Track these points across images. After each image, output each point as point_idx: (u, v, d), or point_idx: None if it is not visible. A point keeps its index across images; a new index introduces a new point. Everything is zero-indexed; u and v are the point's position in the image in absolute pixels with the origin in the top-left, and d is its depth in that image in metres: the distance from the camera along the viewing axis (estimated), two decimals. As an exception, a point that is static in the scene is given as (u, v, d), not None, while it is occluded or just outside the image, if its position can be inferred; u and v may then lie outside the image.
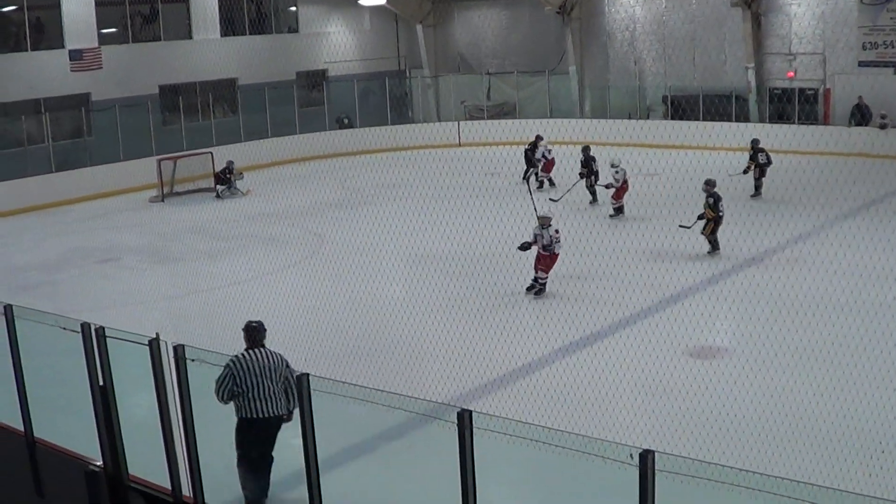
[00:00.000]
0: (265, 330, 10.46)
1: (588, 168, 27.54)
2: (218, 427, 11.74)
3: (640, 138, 32.95)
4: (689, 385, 13.42)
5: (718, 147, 30.96)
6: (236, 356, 10.10)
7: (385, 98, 43.24)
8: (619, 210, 25.46)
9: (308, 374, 7.80)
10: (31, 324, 10.96)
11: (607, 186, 25.47)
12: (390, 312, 17.66)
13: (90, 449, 10.09)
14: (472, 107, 44.19)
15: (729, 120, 35.98)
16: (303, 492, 8.02)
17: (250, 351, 10.23)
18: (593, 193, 27.62)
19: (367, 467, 11.69)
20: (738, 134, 31.37)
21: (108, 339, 9.42)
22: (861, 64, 34.48)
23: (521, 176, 30.69)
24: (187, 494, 9.10)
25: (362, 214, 24.99)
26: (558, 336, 15.92)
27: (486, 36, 45.68)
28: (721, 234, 20.70)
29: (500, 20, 45.08)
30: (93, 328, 9.46)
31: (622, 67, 41.31)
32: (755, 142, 28.01)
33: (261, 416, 10.02)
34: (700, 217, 21.10)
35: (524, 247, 19.02)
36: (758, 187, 27.60)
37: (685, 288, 18.52)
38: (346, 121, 42.61)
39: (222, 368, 9.87)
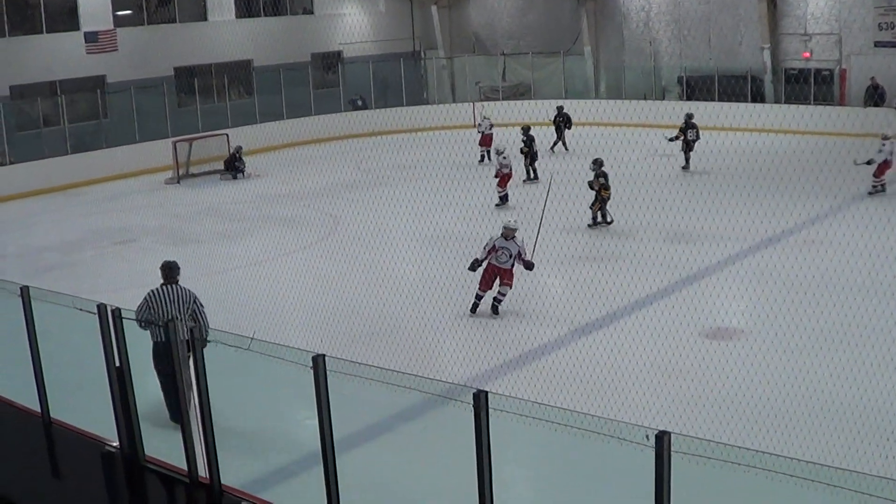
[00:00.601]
0: (179, 269, 12.25)
1: (529, 148, 28.40)
2: (234, 408, 11.80)
3: (656, 119, 32.91)
4: (705, 366, 13.39)
5: (734, 128, 30.79)
6: (152, 290, 11.98)
7: (401, 80, 43.19)
8: (504, 199, 25.14)
9: (324, 356, 7.80)
10: (47, 305, 11.01)
11: (497, 175, 25.21)
12: (405, 293, 17.66)
13: (106, 430, 10.13)
14: (488, 88, 44.11)
15: (744, 101, 35.92)
16: (319, 472, 8.04)
17: (164, 286, 12.04)
18: (534, 172, 28.39)
19: (382, 448, 11.71)
20: (753, 115, 31.27)
21: (124, 321, 9.45)
22: (877, 44, 34.30)
23: (549, 146, 32.55)
24: (203, 475, 9.13)
25: (377, 196, 25.00)
26: (574, 317, 15.90)
27: (501, 17, 45.58)
28: (738, 214, 20.62)
29: (515, 1, 44.94)
30: (109, 309, 9.49)
31: (637, 48, 41.17)
32: (689, 116, 29.26)
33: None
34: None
35: (474, 267, 16.66)
36: (687, 160, 28.97)
37: (701, 269, 18.47)
38: (359, 102, 42.56)
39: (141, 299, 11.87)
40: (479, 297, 16.62)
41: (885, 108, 32.79)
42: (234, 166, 32.40)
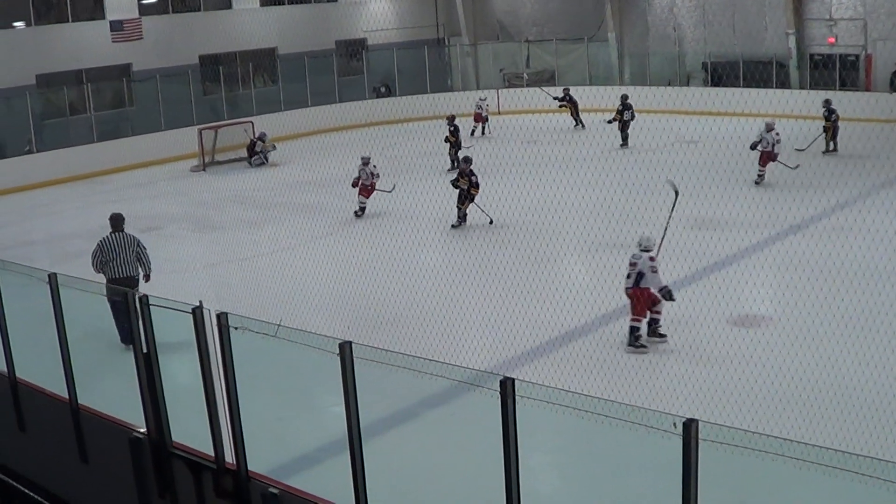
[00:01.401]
0: (124, 219, 15.52)
1: (455, 137, 29.35)
2: (260, 394, 11.83)
3: (680, 105, 32.77)
4: (732, 353, 13.35)
5: (759, 114, 30.61)
6: (103, 237, 15.24)
7: (424, 67, 43.17)
8: (362, 210, 24.03)
9: (350, 342, 7.81)
10: (75, 292, 11.07)
11: (355, 184, 24.16)
12: (430, 280, 17.65)
13: (134, 416, 10.18)
14: (512, 74, 44.03)
15: (769, 86, 35.71)
16: (345, 458, 8.06)
17: (112, 234, 15.22)
18: (456, 162, 28.48)
19: (409, 435, 11.73)
20: (778, 100, 31.09)
21: (151, 307, 9.49)
22: (903, 29, 34.09)
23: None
24: (230, 461, 9.17)
25: (402, 183, 24.97)
26: (600, 304, 15.86)
27: (525, 3, 45.47)
28: (764, 201, 20.53)
29: (540, -13, 44.84)
30: (136, 296, 9.53)
31: (662, 34, 41.00)
32: (624, 97, 31.64)
33: (120, 275, 14.84)
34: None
35: (670, 293, 14.00)
36: (624, 138, 31.34)
37: (727, 256, 18.40)
38: (382, 90, 42.55)
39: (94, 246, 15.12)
40: (638, 329, 14.18)
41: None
42: (256, 152, 32.57)
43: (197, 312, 8.97)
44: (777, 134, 23.94)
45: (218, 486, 9.36)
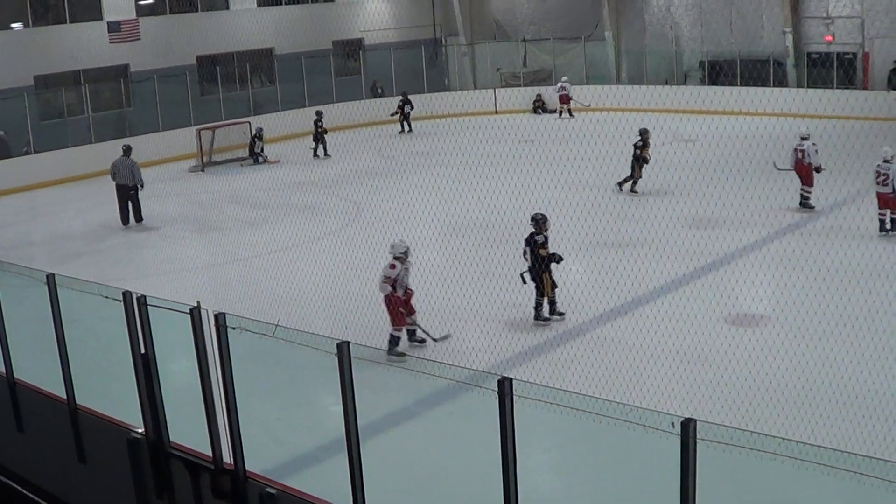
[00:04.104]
0: (131, 149, 24.54)
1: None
2: (258, 395, 11.84)
3: (677, 104, 32.73)
4: (730, 353, 13.36)
5: (756, 112, 30.66)
6: (117, 157, 24.51)
7: (421, 66, 43.21)
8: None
9: (348, 342, 7.82)
10: (73, 292, 11.08)
11: None
12: (428, 280, 17.65)
13: (132, 416, 10.20)
14: (509, 74, 44.04)
15: (766, 85, 35.72)
16: (343, 458, 8.07)
17: (122, 156, 24.18)
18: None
19: (407, 435, 11.73)
20: (775, 99, 31.09)
21: (149, 308, 9.50)
22: (900, 27, 34.05)
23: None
24: (228, 461, 9.18)
25: (399, 183, 24.99)
26: (597, 304, 15.87)
27: (522, 2, 45.51)
28: (761, 199, 20.51)
29: (536, -14, 44.87)
30: (134, 297, 9.54)
31: (658, 33, 41.02)
32: (404, 93, 37.68)
33: (121, 183, 24.25)
34: None
35: None
36: (409, 126, 37.29)
37: (724, 255, 18.40)
38: (380, 90, 42.57)
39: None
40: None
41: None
42: (253, 151, 32.75)
43: (195, 313, 8.98)
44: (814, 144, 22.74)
45: (216, 487, 9.37)
